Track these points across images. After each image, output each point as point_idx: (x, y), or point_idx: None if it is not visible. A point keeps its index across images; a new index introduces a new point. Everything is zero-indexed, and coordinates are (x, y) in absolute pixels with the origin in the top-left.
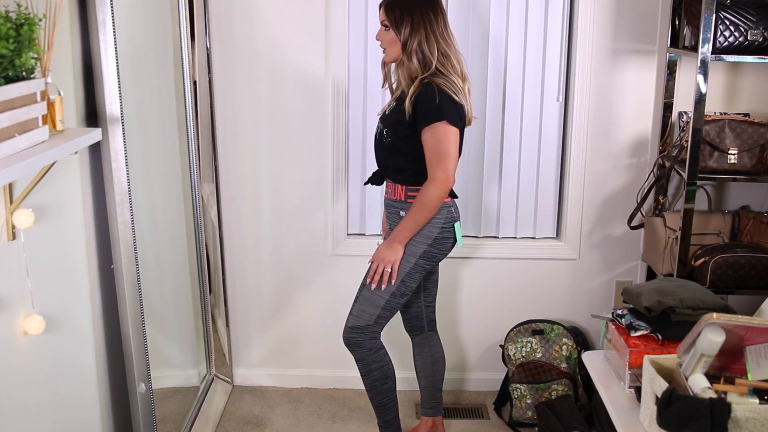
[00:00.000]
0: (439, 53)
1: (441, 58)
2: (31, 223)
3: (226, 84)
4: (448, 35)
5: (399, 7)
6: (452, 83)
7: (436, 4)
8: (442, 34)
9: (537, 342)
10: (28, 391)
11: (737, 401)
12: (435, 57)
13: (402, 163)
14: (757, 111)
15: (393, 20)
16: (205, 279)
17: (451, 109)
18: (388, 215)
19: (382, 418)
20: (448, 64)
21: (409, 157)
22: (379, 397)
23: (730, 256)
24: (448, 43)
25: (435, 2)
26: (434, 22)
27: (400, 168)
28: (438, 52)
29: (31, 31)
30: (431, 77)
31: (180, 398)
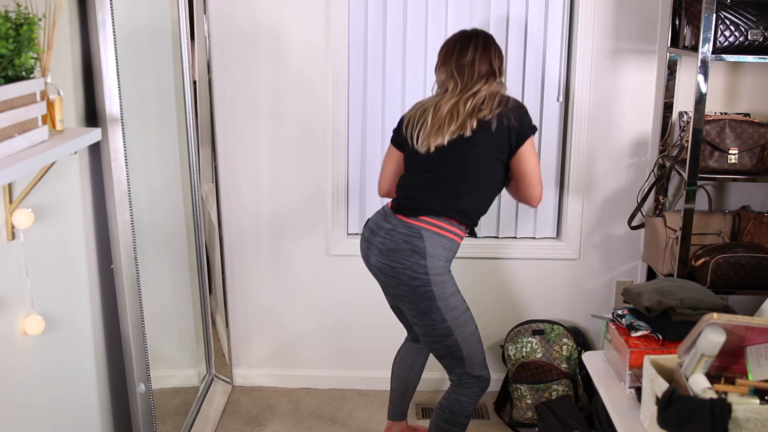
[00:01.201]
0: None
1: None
2: (30, 223)
3: (226, 84)
4: (445, 68)
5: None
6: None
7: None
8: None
9: (537, 342)
10: (27, 391)
11: (738, 401)
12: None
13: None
14: (758, 111)
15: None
16: (205, 279)
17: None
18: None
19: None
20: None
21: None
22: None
23: (730, 256)
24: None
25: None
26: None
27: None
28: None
29: (31, 31)
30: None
31: (180, 398)
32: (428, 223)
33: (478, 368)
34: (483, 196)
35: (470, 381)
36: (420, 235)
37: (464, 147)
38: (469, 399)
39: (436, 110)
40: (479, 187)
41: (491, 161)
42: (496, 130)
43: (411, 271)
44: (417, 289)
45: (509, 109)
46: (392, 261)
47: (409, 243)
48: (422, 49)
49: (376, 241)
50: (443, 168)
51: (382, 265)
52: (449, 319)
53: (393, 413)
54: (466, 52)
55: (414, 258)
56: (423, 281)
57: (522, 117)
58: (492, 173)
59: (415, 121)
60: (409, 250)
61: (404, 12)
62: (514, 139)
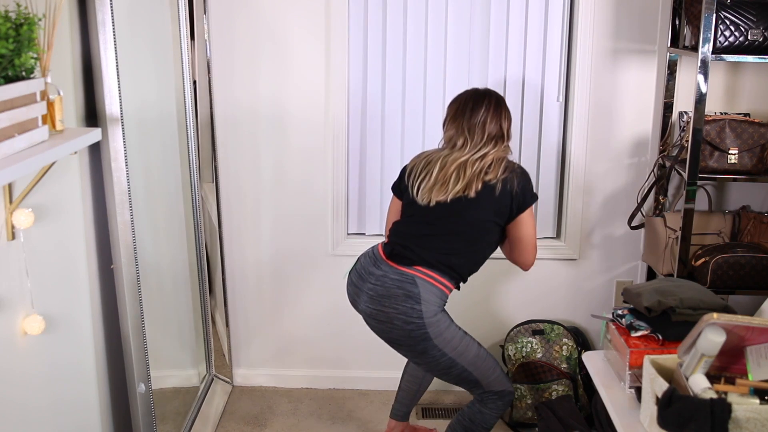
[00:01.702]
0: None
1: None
2: (30, 223)
3: (226, 84)
4: (455, 124)
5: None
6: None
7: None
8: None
9: (537, 342)
10: (27, 391)
11: (738, 401)
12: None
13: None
14: (758, 111)
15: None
16: (205, 279)
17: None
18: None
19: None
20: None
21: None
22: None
23: (730, 256)
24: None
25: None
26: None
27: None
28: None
29: (31, 31)
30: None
31: (180, 398)
32: (421, 272)
33: (498, 384)
34: (476, 256)
35: (493, 397)
36: (413, 282)
37: (466, 207)
38: (492, 413)
39: (443, 166)
40: (474, 247)
41: (489, 225)
42: (499, 195)
43: (405, 316)
44: (412, 333)
45: (514, 176)
46: (385, 307)
47: (402, 288)
48: (422, 45)
49: (366, 288)
50: (442, 224)
51: (374, 311)
52: (448, 351)
53: (398, 413)
54: (478, 112)
55: (408, 303)
56: (418, 325)
57: (525, 185)
58: (488, 236)
59: (417, 171)
60: (403, 296)
61: (404, 6)
62: (516, 205)
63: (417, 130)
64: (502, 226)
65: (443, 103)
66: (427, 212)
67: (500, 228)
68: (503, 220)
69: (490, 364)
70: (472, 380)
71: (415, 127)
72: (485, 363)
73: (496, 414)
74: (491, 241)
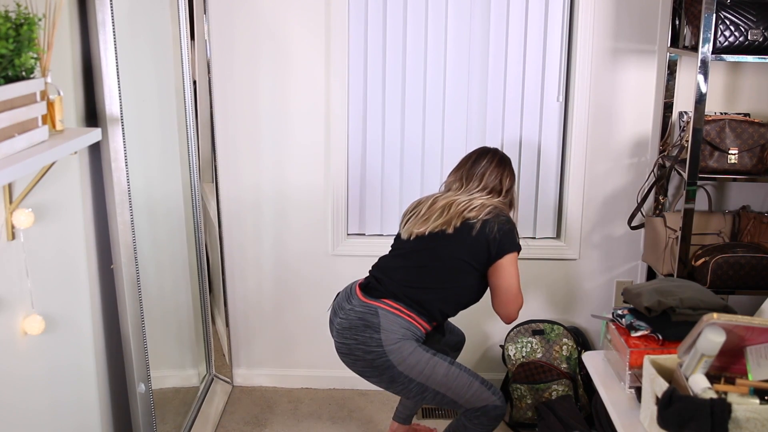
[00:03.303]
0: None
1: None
2: (30, 223)
3: (226, 84)
4: (456, 173)
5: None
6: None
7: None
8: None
9: (537, 342)
10: (27, 391)
11: (738, 401)
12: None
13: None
14: (758, 111)
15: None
16: (205, 279)
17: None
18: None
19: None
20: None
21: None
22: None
23: (730, 256)
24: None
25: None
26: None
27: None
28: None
29: (31, 31)
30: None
31: (180, 398)
32: (386, 304)
33: (477, 400)
34: (448, 297)
35: (476, 413)
36: (375, 313)
37: (440, 242)
38: (477, 429)
39: (432, 204)
40: (444, 286)
41: (462, 264)
42: (475, 235)
43: (365, 346)
44: (374, 362)
45: (496, 220)
46: (346, 339)
47: (363, 320)
48: (422, 44)
49: (336, 322)
50: (416, 257)
51: (339, 344)
52: (415, 376)
53: (401, 415)
54: (479, 163)
55: (367, 333)
56: (378, 353)
57: (507, 232)
58: (461, 277)
59: (409, 211)
60: (362, 326)
61: (404, 6)
62: (494, 249)
63: (417, 129)
64: (481, 272)
65: (443, 101)
66: (405, 245)
67: (477, 272)
68: (479, 263)
69: (463, 382)
70: (447, 401)
71: (416, 126)
72: (457, 381)
73: (482, 430)
74: (466, 284)
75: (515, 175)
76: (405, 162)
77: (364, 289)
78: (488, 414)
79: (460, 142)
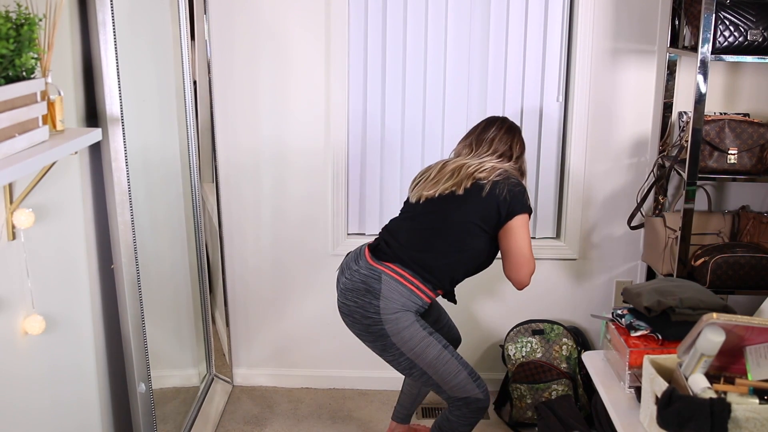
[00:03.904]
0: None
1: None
2: (31, 223)
3: (226, 84)
4: (465, 141)
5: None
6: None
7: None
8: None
9: (537, 342)
10: (27, 391)
11: (737, 401)
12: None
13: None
14: (757, 111)
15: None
16: (205, 279)
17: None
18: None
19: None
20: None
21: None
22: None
23: (730, 256)
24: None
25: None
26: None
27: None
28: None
29: (32, 31)
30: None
31: (180, 398)
32: (391, 269)
33: (460, 390)
34: (455, 262)
35: (458, 404)
36: (378, 278)
37: (451, 204)
38: (459, 420)
39: (441, 167)
40: (453, 249)
41: (472, 227)
42: (486, 196)
43: (363, 310)
44: (369, 328)
45: (506, 182)
46: (347, 300)
47: (365, 283)
48: (422, 44)
49: (341, 281)
50: (425, 219)
51: (340, 303)
52: (406, 351)
53: (399, 415)
54: (488, 130)
55: (367, 297)
56: (374, 320)
57: (517, 193)
58: (471, 240)
59: (419, 176)
60: (363, 290)
61: (404, 6)
62: (504, 210)
63: (417, 129)
64: (491, 234)
65: (443, 101)
66: (414, 208)
67: (486, 235)
68: (490, 226)
69: (451, 369)
70: (432, 383)
71: (415, 126)
72: (446, 367)
73: (464, 422)
74: (476, 248)
75: (525, 144)
76: (405, 162)
77: (373, 251)
78: (470, 406)
79: None
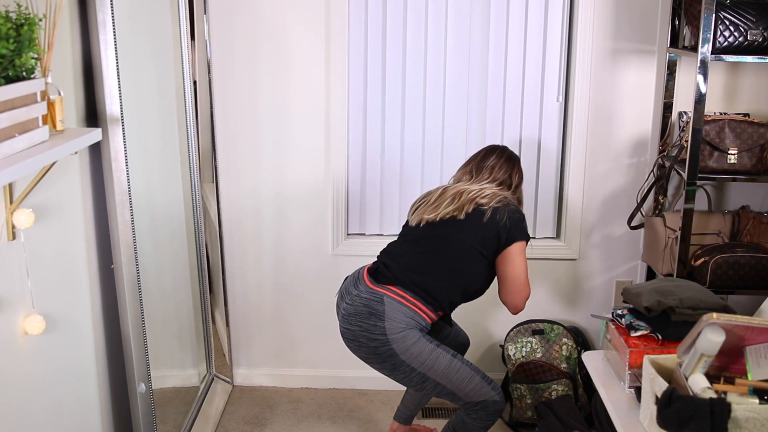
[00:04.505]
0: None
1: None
2: (31, 223)
3: (226, 84)
4: (465, 168)
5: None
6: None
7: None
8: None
9: (537, 342)
10: (27, 391)
11: (737, 401)
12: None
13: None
14: (757, 111)
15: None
16: (205, 279)
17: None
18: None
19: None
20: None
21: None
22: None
23: (730, 256)
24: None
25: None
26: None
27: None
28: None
29: (32, 31)
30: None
31: (180, 398)
32: (392, 291)
33: (477, 395)
34: (455, 284)
35: (475, 408)
36: (381, 300)
37: (451, 228)
38: (476, 423)
39: (442, 193)
40: (452, 272)
41: (472, 251)
42: (486, 221)
43: (369, 333)
44: (377, 350)
45: (506, 209)
46: (351, 325)
47: (368, 306)
48: (422, 44)
49: (342, 307)
50: (425, 243)
51: (344, 329)
52: (417, 366)
53: (402, 416)
54: (489, 158)
55: (372, 320)
56: (381, 342)
57: (517, 220)
58: (470, 264)
59: (419, 200)
60: (367, 313)
61: (404, 5)
62: (504, 236)
63: (417, 129)
64: (489, 260)
65: (443, 101)
66: (414, 232)
67: (486, 260)
68: (489, 251)
69: (464, 375)
70: (447, 393)
71: (415, 126)
72: (459, 374)
73: (481, 425)
74: (475, 272)
75: (523, 174)
76: (405, 162)
77: (372, 274)
78: (487, 409)
79: (460, 143)
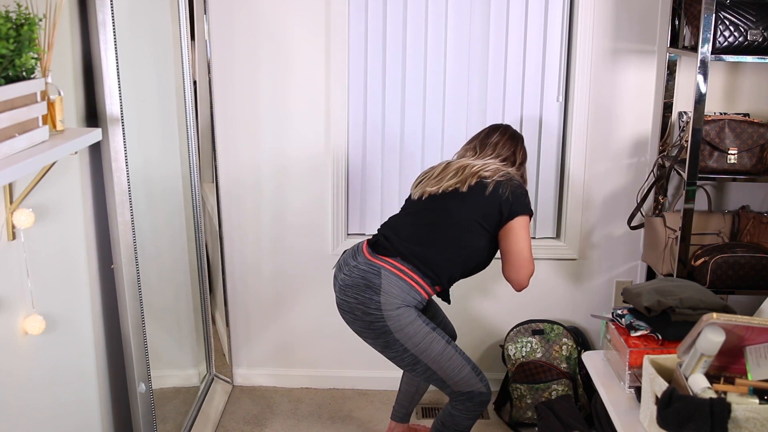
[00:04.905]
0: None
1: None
2: (31, 223)
3: (226, 84)
4: (469, 145)
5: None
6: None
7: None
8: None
9: (537, 342)
10: (28, 391)
11: (737, 401)
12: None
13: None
14: (757, 111)
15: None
16: (205, 279)
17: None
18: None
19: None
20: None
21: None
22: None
23: (729, 256)
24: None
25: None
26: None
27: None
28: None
29: (32, 31)
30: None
31: (180, 398)
32: (390, 264)
33: (465, 384)
34: (455, 258)
35: (461, 398)
36: (378, 273)
37: (453, 200)
38: (462, 414)
39: (445, 167)
40: (453, 245)
41: (473, 224)
42: (489, 195)
43: (364, 307)
44: (371, 324)
45: (509, 183)
46: (347, 296)
47: (365, 279)
48: (422, 44)
49: (340, 278)
50: (427, 215)
51: (340, 300)
52: (410, 347)
53: (398, 414)
54: (492, 135)
55: (367, 293)
56: (376, 317)
57: (519, 195)
58: (471, 237)
59: (422, 175)
60: (363, 286)
61: (404, 5)
62: (506, 210)
63: (417, 129)
64: (491, 234)
65: (443, 101)
66: (416, 204)
67: (487, 234)
68: (491, 225)
69: (455, 364)
70: (437, 379)
71: (415, 126)
72: (450, 362)
73: (466, 416)
74: (476, 246)
75: (527, 153)
76: (405, 162)
77: (372, 246)
78: (473, 399)
79: (460, 141)
